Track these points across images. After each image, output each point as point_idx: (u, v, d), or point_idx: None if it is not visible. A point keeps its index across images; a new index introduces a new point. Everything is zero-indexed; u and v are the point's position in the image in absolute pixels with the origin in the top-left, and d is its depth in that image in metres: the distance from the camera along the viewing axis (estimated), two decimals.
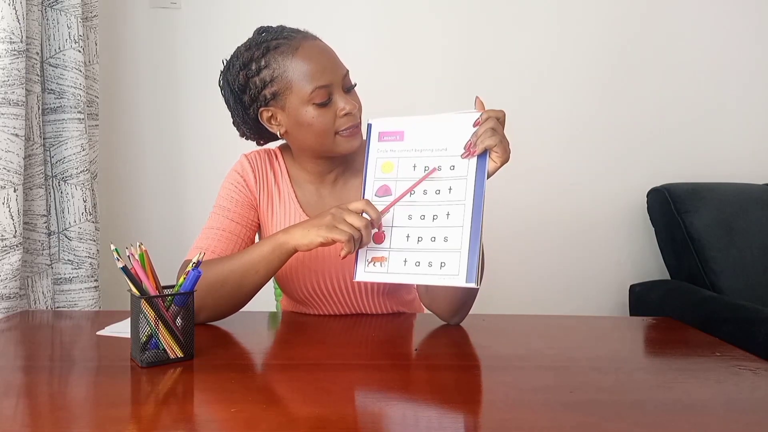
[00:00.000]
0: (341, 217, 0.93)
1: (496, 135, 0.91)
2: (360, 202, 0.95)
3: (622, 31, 2.07)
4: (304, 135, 1.07)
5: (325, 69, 1.04)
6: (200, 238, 1.11)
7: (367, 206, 0.94)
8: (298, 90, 1.03)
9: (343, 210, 0.94)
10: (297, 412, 0.72)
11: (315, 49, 1.05)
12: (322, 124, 1.04)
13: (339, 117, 1.05)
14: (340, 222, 0.92)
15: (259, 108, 1.08)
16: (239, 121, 1.13)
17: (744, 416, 0.73)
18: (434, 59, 2.01)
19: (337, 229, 0.91)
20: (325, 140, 1.06)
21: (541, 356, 0.96)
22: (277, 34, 1.07)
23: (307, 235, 0.95)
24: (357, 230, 0.91)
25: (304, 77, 1.03)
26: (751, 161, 2.11)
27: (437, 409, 0.75)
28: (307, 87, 1.03)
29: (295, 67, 1.03)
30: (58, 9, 1.60)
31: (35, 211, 1.56)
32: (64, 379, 0.85)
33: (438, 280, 0.93)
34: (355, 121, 1.06)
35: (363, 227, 0.92)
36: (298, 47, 1.04)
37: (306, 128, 1.06)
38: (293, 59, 1.03)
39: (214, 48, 1.93)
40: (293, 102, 1.05)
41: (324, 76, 1.03)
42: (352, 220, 0.92)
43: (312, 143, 1.08)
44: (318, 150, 1.10)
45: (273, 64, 1.04)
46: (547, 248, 2.10)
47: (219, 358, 0.90)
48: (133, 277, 0.86)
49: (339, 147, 1.07)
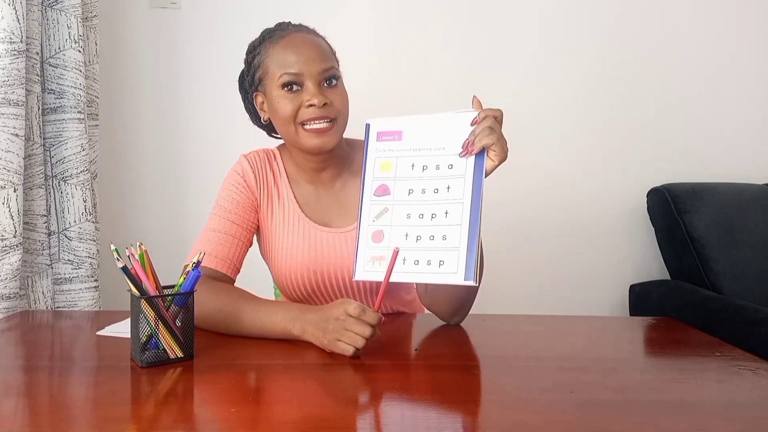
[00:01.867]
0: (341, 328, 0.89)
1: (493, 134, 0.92)
2: (358, 307, 0.88)
3: (622, 31, 2.07)
4: (276, 122, 1.11)
5: (300, 59, 1.06)
6: (200, 240, 1.11)
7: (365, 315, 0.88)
8: (272, 75, 1.08)
9: (343, 321, 0.89)
10: (297, 412, 0.72)
11: (297, 40, 1.09)
12: (285, 110, 1.07)
13: (304, 106, 1.06)
14: (343, 333, 0.89)
15: (254, 93, 1.14)
16: (249, 108, 1.20)
17: (744, 416, 0.73)
18: (433, 59, 2.01)
19: (342, 344, 0.89)
20: (289, 128, 1.08)
21: (541, 356, 0.96)
22: (279, 25, 1.14)
23: (315, 340, 0.93)
24: (362, 340, 0.88)
25: (277, 63, 1.08)
26: (751, 161, 2.11)
27: (437, 409, 0.75)
28: (278, 72, 1.07)
29: (275, 53, 1.09)
30: (58, 9, 1.60)
31: (35, 211, 1.56)
32: (64, 379, 0.85)
33: (437, 279, 0.93)
34: (321, 114, 1.05)
35: (368, 335, 0.88)
36: (284, 37, 1.09)
37: (275, 114, 1.10)
38: (275, 47, 1.09)
39: (213, 48, 1.93)
40: (269, 87, 1.09)
41: (296, 65, 1.06)
42: (358, 330, 0.88)
43: (281, 131, 1.12)
44: (288, 140, 1.12)
45: (263, 51, 1.11)
46: (547, 248, 2.10)
47: (219, 358, 0.90)
48: (133, 277, 0.86)
49: (303, 140, 1.08)
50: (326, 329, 0.91)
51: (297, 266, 1.14)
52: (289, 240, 1.14)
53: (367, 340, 0.88)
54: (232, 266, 1.10)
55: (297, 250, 1.14)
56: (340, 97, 1.09)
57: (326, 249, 1.13)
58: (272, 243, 1.16)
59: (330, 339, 0.90)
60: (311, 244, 1.14)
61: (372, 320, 0.88)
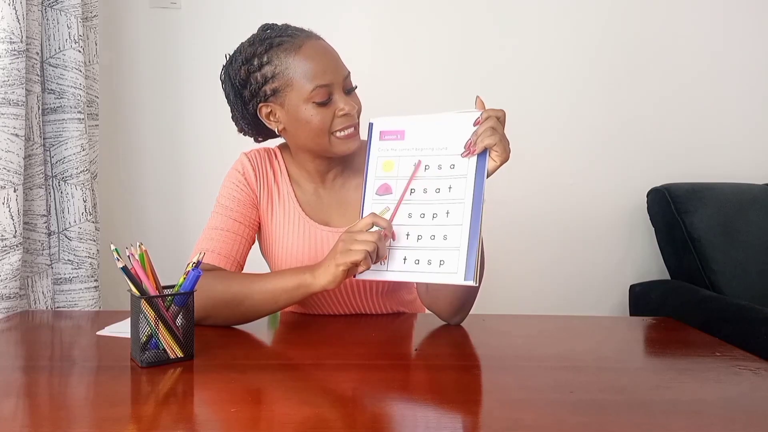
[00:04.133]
0: (351, 239, 0.92)
1: (496, 134, 0.92)
2: (367, 217, 0.95)
3: (622, 30, 2.07)
4: (302, 133, 1.08)
5: (327, 69, 1.04)
6: (202, 238, 1.11)
7: (375, 218, 0.94)
8: (299, 88, 1.04)
9: (350, 233, 0.94)
10: (297, 412, 0.72)
11: (318, 49, 1.06)
12: (319, 123, 1.04)
13: (337, 117, 1.05)
14: (352, 244, 0.92)
15: (259, 104, 1.09)
16: (238, 116, 1.14)
17: (744, 416, 0.73)
18: (435, 59, 2.01)
19: (351, 251, 0.91)
20: (321, 139, 1.06)
21: (541, 356, 0.96)
22: (281, 31, 1.08)
23: (328, 272, 0.94)
24: (371, 243, 0.91)
25: (305, 75, 1.03)
26: (751, 161, 2.11)
27: (437, 409, 0.75)
28: (308, 85, 1.03)
29: (297, 64, 1.04)
30: (58, 9, 1.60)
31: (35, 211, 1.56)
32: (64, 379, 0.85)
33: (437, 278, 0.93)
34: (352, 122, 1.06)
35: (376, 240, 0.91)
36: (302, 45, 1.05)
37: (303, 126, 1.06)
38: (296, 57, 1.04)
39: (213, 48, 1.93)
40: (293, 99, 1.05)
41: (325, 76, 1.03)
42: (363, 238, 0.92)
43: (308, 142, 1.08)
44: (314, 149, 1.10)
45: (275, 60, 1.05)
46: (547, 248, 2.10)
47: (219, 358, 0.90)
48: (133, 277, 0.86)
49: (335, 148, 1.07)
50: (335, 251, 0.94)
51: (297, 265, 1.13)
52: (289, 238, 1.15)
53: (376, 246, 0.91)
54: (235, 263, 1.11)
55: (297, 249, 1.14)
56: (359, 100, 1.10)
57: (326, 248, 1.13)
58: (272, 241, 1.16)
59: (342, 254, 0.92)
60: (312, 243, 1.14)
61: (381, 224, 0.93)
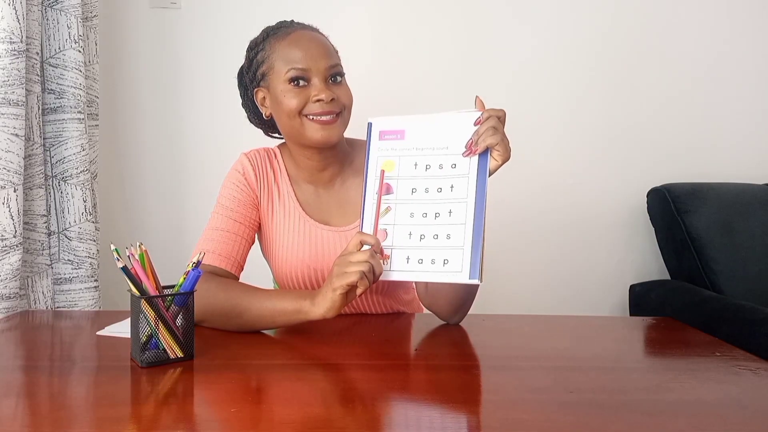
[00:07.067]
0: (345, 262, 0.92)
1: (497, 134, 0.92)
2: (354, 238, 0.94)
3: (622, 30, 2.06)
4: (281, 116, 1.10)
5: (307, 54, 1.07)
6: (203, 239, 1.11)
7: (362, 237, 0.94)
8: (278, 70, 1.08)
9: (343, 256, 0.93)
10: (297, 412, 0.72)
11: (304, 37, 1.09)
12: (291, 104, 1.06)
13: (311, 102, 1.06)
14: (346, 266, 0.91)
15: (255, 89, 1.14)
16: (245, 102, 1.20)
17: (744, 416, 0.73)
18: (435, 58, 2.01)
19: (346, 274, 0.91)
20: (293, 122, 1.08)
21: (540, 356, 0.96)
22: (284, 23, 1.14)
23: (326, 299, 0.93)
24: (364, 264, 0.90)
25: (284, 58, 1.08)
26: (751, 161, 2.11)
27: (437, 409, 0.75)
28: (285, 67, 1.07)
29: (281, 49, 1.09)
30: (58, 9, 1.60)
31: (35, 211, 1.56)
32: (64, 379, 0.85)
33: (441, 277, 0.93)
34: (327, 109, 1.06)
35: (369, 258, 0.91)
36: (290, 33, 1.10)
37: (281, 108, 1.09)
38: (281, 43, 1.09)
39: (213, 48, 1.93)
40: (274, 81, 1.09)
41: (303, 61, 1.07)
42: (356, 258, 0.91)
43: (285, 126, 1.11)
44: (291, 134, 1.11)
45: (267, 47, 1.11)
46: (547, 248, 2.10)
47: (219, 358, 0.90)
48: (133, 277, 0.86)
49: (308, 132, 1.07)
50: (331, 276, 0.93)
51: (297, 264, 1.14)
52: (289, 238, 1.15)
53: (371, 265, 0.90)
54: (235, 264, 1.11)
55: (297, 248, 1.14)
56: (346, 93, 1.10)
57: (326, 247, 1.14)
58: (273, 241, 1.16)
59: (338, 277, 0.91)
60: (312, 243, 1.14)
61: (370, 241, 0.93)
